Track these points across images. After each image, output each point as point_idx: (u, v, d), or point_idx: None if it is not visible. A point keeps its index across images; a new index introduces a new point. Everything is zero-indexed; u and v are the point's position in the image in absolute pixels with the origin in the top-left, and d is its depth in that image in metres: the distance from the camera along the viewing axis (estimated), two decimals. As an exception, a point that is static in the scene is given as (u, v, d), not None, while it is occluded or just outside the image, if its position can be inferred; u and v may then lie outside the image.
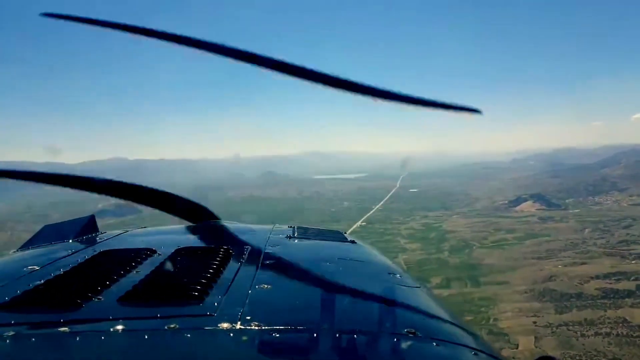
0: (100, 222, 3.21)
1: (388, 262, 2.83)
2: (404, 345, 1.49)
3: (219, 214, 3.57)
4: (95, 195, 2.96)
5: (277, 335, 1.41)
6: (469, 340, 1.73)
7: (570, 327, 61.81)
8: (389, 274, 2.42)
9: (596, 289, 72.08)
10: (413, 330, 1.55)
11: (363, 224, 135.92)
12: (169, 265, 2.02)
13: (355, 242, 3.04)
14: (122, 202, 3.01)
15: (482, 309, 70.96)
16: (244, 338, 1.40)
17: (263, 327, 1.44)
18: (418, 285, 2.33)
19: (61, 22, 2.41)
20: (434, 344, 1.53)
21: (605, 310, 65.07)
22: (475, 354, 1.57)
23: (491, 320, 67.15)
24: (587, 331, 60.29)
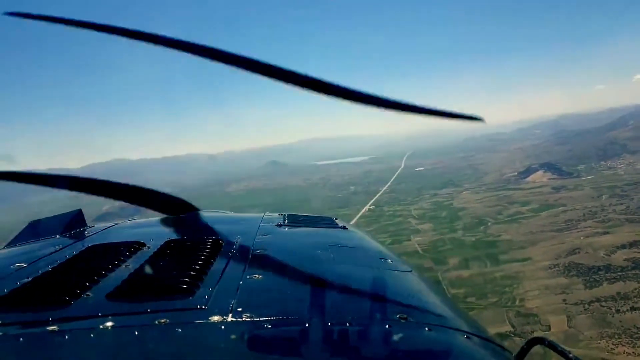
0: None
1: (379, 246, 2.80)
2: (396, 330, 1.47)
3: (224, 208, 3.58)
4: (99, 200, 2.93)
5: (269, 325, 1.40)
6: (461, 323, 1.72)
7: (604, 303, 58.89)
8: (380, 259, 2.41)
9: (625, 259, 68.76)
10: (405, 316, 1.54)
11: (372, 207, 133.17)
12: (158, 259, 2.00)
13: (346, 228, 3.01)
14: (126, 204, 2.96)
15: (507, 289, 68.00)
16: (236, 330, 1.37)
17: (254, 319, 1.42)
18: (409, 270, 2.31)
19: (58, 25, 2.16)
20: (426, 328, 1.53)
21: (639, 282, 61.89)
22: (467, 337, 1.57)
23: (517, 300, 64.24)
24: (622, 306, 57.32)
